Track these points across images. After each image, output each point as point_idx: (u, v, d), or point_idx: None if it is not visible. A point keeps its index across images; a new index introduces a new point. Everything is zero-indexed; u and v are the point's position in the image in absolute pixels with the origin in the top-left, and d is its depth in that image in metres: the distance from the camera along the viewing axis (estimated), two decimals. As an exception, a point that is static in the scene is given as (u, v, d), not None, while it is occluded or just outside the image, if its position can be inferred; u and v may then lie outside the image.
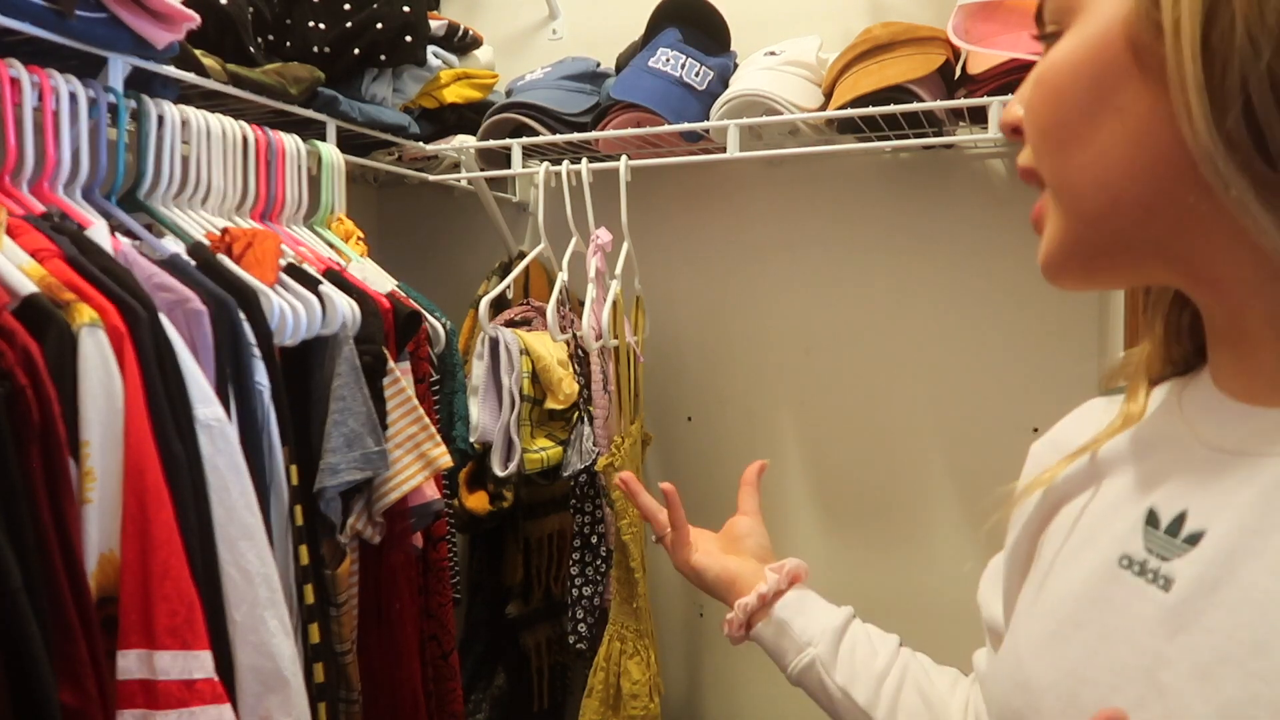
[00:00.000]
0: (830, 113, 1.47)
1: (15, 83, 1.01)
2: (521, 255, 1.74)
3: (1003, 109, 1.34)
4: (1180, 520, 0.45)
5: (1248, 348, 0.45)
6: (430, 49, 1.63)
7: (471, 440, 1.52)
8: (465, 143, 1.70)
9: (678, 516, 0.89)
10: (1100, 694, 0.45)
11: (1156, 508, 0.46)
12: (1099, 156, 0.43)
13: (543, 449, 1.56)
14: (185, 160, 1.23)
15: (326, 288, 1.19)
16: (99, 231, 1.02)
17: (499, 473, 1.53)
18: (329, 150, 1.45)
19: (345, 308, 1.19)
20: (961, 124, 1.57)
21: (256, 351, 1.06)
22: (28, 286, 0.85)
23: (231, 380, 1.03)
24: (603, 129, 1.61)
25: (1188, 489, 0.45)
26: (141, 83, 1.20)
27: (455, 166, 1.78)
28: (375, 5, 1.50)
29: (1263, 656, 0.39)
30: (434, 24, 1.66)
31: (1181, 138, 0.39)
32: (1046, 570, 0.53)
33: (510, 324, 1.69)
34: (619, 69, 1.72)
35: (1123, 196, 0.43)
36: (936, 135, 1.52)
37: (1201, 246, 0.43)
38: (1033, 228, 0.48)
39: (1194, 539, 0.43)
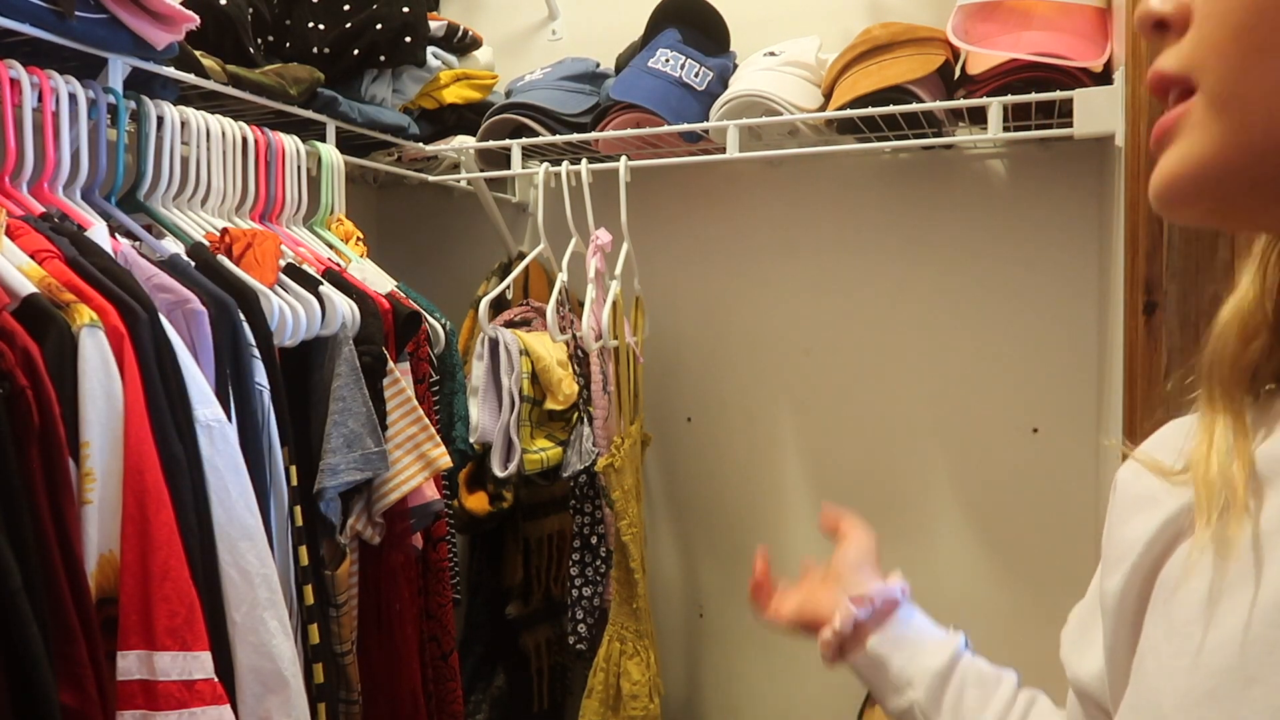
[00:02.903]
0: (830, 113, 1.47)
1: (15, 84, 1.01)
2: (521, 256, 1.74)
3: (1000, 108, 1.35)
4: None
5: None
6: (430, 50, 1.63)
7: (471, 441, 1.52)
8: (465, 143, 1.70)
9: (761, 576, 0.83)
10: None
11: None
12: None
13: (542, 450, 1.56)
14: (185, 161, 1.23)
15: (326, 288, 1.19)
16: (99, 232, 1.02)
17: (499, 473, 1.53)
18: (328, 151, 1.45)
19: (345, 308, 1.19)
20: (961, 124, 1.57)
21: (256, 352, 1.06)
22: (27, 287, 0.85)
23: (231, 381, 1.03)
24: (602, 129, 1.61)
25: None
26: (141, 83, 1.20)
27: (455, 167, 1.78)
28: (375, 6, 1.50)
29: None
30: (433, 25, 1.66)
31: None
32: (1187, 616, 0.42)
33: (510, 324, 1.69)
34: (618, 69, 1.72)
35: None
36: (936, 136, 1.52)
37: None
38: (1152, 145, 0.43)
39: None
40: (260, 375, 1.06)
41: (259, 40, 1.44)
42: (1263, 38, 0.38)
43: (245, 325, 1.05)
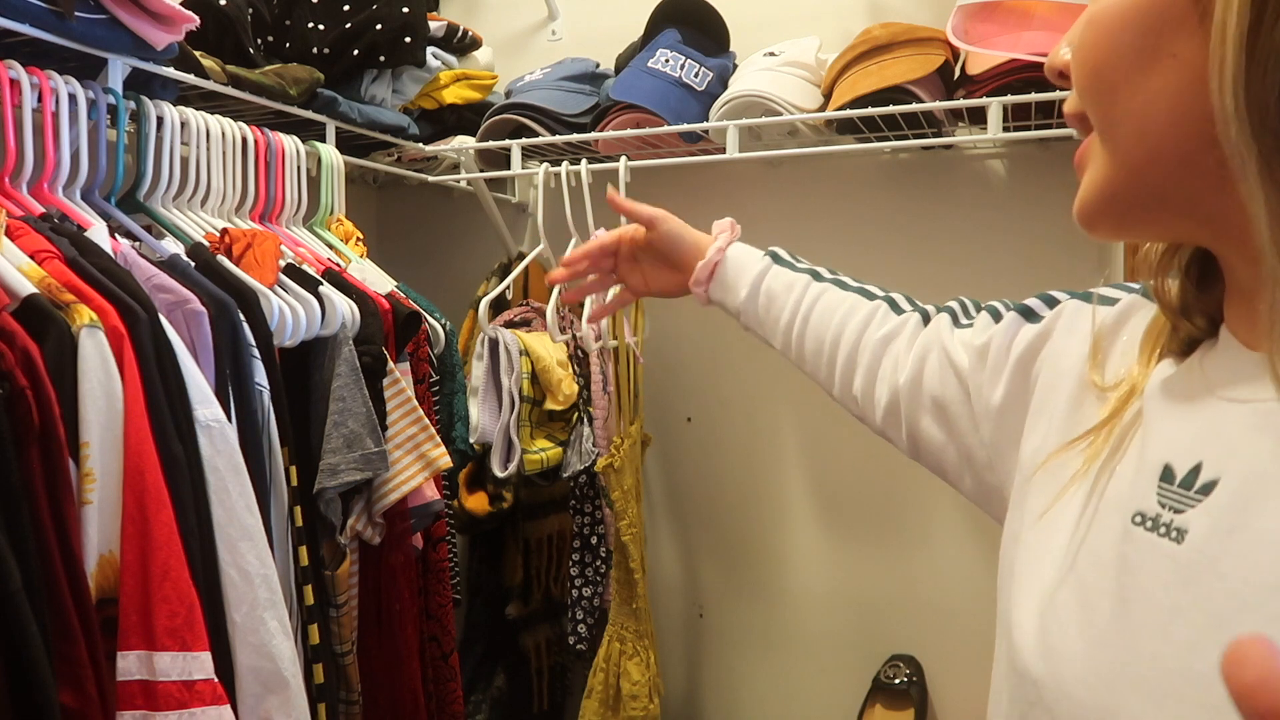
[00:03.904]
0: (829, 113, 1.48)
1: (15, 84, 1.01)
2: (521, 256, 1.74)
3: (1000, 108, 1.35)
4: (1195, 472, 0.44)
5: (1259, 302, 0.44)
6: (430, 50, 1.63)
7: (471, 441, 1.52)
8: (465, 144, 1.70)
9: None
10: (1120, 655, 0.44)
11: (1172, 463, 0.46)
12: (1146, 103, 0.43)
13: (542, 450, 1.56)
14: (184, 161, 1.23)
15: (326, 289, 1.19)
16: (98, 233, 1.02)
17: (499, 473, 1.53)
18: (328, 151, 1.45)
19: (345, 309, 1.19)
20: (961, 124, 1.58)
21: (256, 352, 1.06)
22: (28, 288, 0.85)
23: (231, 381, 1.03)
24: (602, 130, 1.61)
25: (1203, 441, 0.45)
26: (141, 84, 1.20)
27: (455, 167, 1.78)
28: (374, 6, 1.50)
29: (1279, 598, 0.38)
30: (433, 25, 1.66)
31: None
32: (1061, 507, 0.52)
33: (510, 325, 1.69)
34: (618, 70, 1.72)
35: (1163, 146, 0.43)
36: (936, 136, 1.53)
37: (1232, 206, 0.41)
38: (1075, 171, 0.49)
39: (1207, 489, 0.43)
40: (260, 375, 1.06)
41: (259, 40, 1.45)
42: (1116, 76, 0.45)
43: (245, 325, 1.05)
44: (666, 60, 1.60)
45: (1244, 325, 0.46)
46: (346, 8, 1.50)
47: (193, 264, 1.08)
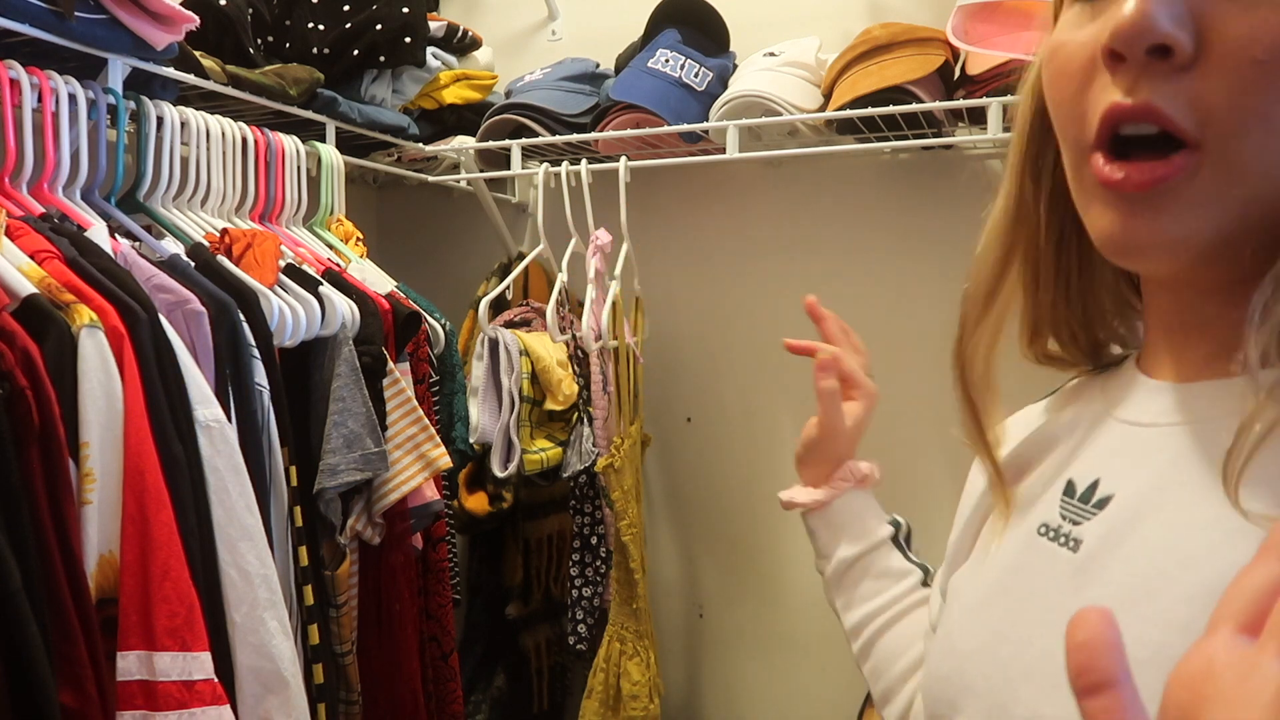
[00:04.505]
0: (829, 113, 1.48)
1: (15, 84, 1.01)
2: (521, 256, 1.74)
3: (1000, 108, 1.35)
4: (1093, 488, 0.48)
5: (1195, 335, 0.46)
6: (429, 50, 1.63)
7: (471, 441, 1.52)
8: (464, 144, 1.70)
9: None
10: (1015, 649, 0.47)
11: (1074, 479, 0.49)
12: None
13: (542, 450, 1.56)
14: (184, 161, 1.23)
15: (326, 289, 1.19)
16: (98, 233, 1.02)
17: (498, 474, 1.53)
18: (328, 151, 1.45)
19: (345, 309, 1.19)
20: (961, 125, 1.57)
21: (256, 352, 1.06)
22: (27, 288, 0.85)
23: (231, 381, 1.03)
24: (602, 130, 1.61)
25: (1103, 460, 0.49)
26: (141, 84, 1.20)
27: (454, 167, 1.78)
28: (374, 6, 1.50)
29: (1152, 600, 0.41)
30: (433, 25, 1.66)
31: None
32: (984, 548, 0.57)
33: (510, 325, 1.69)
34: (618, 70, 1.72)
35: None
36: (936, 136, 1.52)
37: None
38: (1134, 188, 0.41)
39: (1103, 503, 0.46)
40: (260, 375, 1.06)
41: (259, 40, 1.44)
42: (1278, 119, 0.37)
43: (245, 325, 1.05)
44: (666, 60, 1.60)
45: (1162, 359, 0.49)
46: (346, 8, 1.50)
47: (193, 264, 1.08)
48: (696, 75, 1.60)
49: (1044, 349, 0.58)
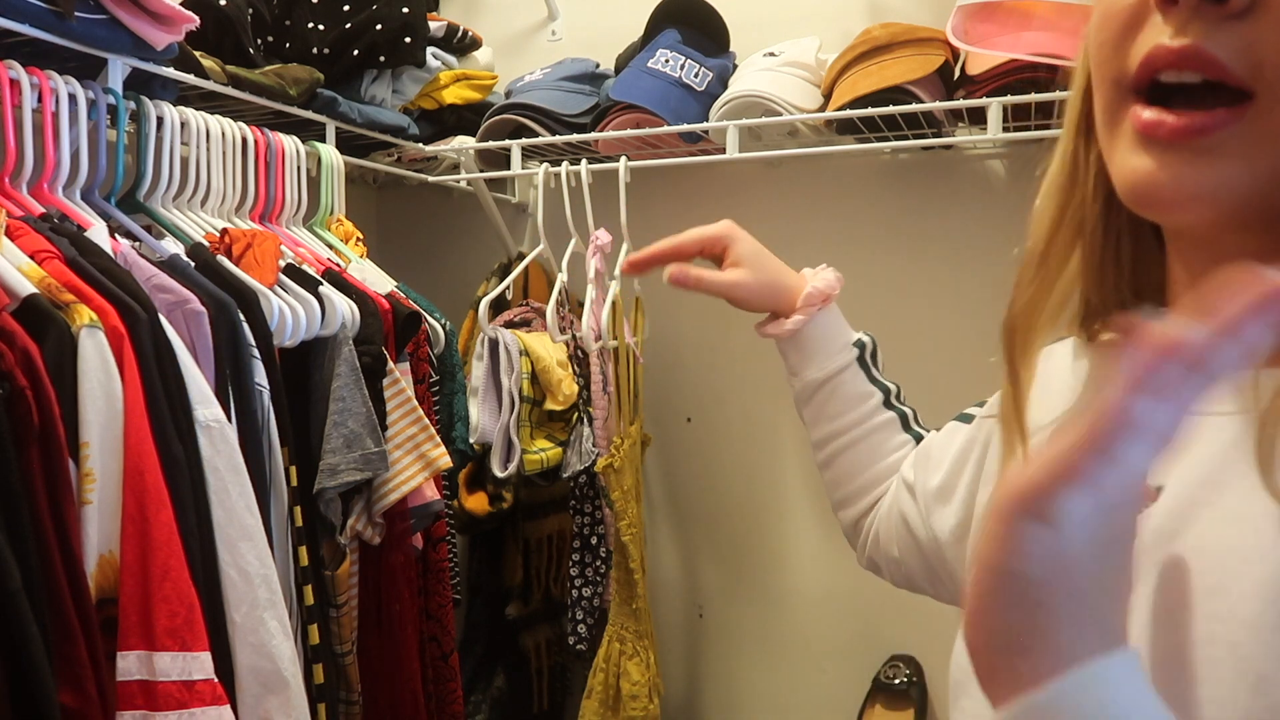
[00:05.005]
0: (829, 114, 1.48)
1: (15, 84, 1.01)
2: (521, 256, 1.74)
3: (1000, 108, 1.35)
4: None
5: None
6: (429, 50, 1.63)
7: (471, 441, 1.52)
8: (464, 144, 1.70)
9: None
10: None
11: None
12: None
13: (542, 450, 1.56)
14: (184, 161, 1.23)
15: (326, 289, 1.19)
16: (98, 233, 1.02)
17: (498, 474, 1.53)
18: (328, 151, 1.45)
19: (345, 309, 1.19)
20: (960, 125, 1.57)
21: (256, 352, 1.06)
22: (27, 288, 0.85)
23: (231, 381, 1.03)
24: (602, 130, 1.61)
25: None
26: (141, 84, 1.20)
27: (454, 167, 1.78)
28: (374, 6, 1.50)
29: (1219, 597, 0.39)
30: (433, 25, 1.66)
31: None
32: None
33: (510, 325, 1.69)
34: (618, 70, 1.72)
35: None
36: (936, 136, 1.52)
37: None
38: (1171, 134, 0.39)
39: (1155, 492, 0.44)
40: (260, 375, 1.06)
41: (259, 40, 1.44)
42: None
43: (245, 325, 1.05)
44: (666, 60, 1.60)
45: None
46: (346, 8, 1.50)
47: (193, 264, 1.08)
48: (696, 75, 1.60)
49: (1094, 330, 0.55)
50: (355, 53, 1.50)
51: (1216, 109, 0.38)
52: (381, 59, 1.54)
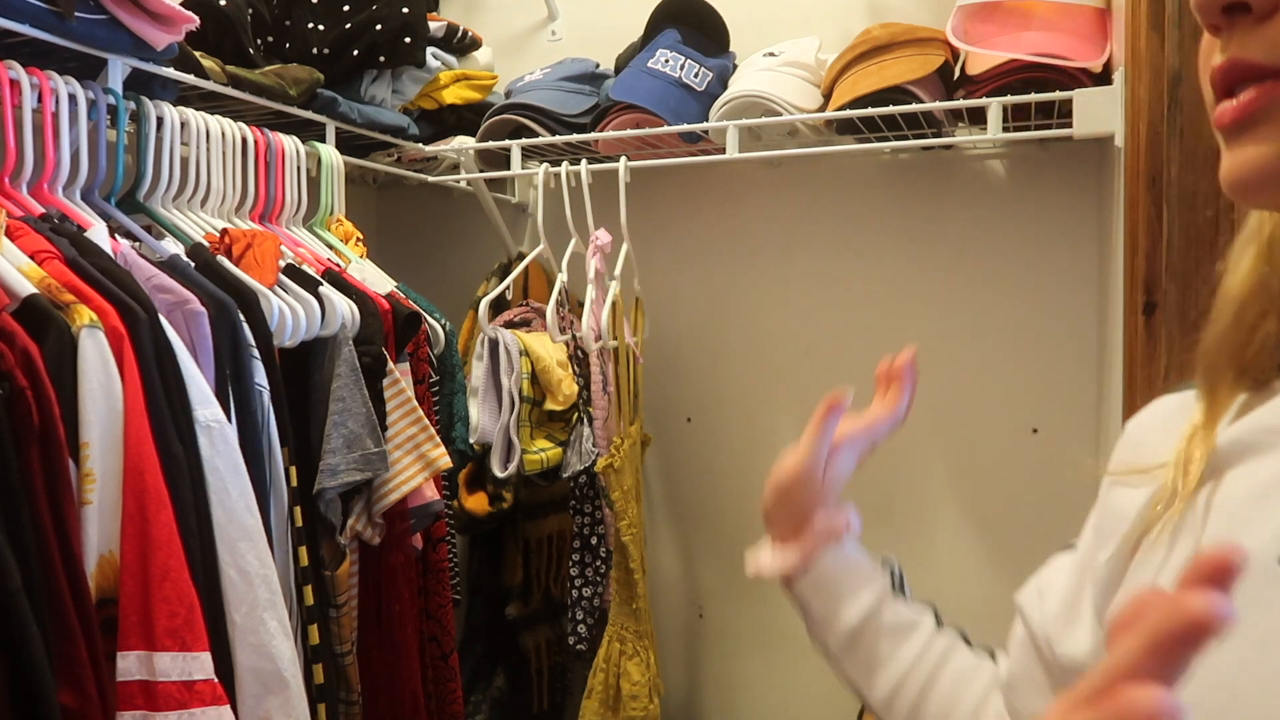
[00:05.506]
0: (829, 114, 1.47)
1: (15, 84, 1.01)
2: (521, 256, 1.74)
3: (1000, 108, 1.35)
4: None
5: None
6: (429, 50, 1.63)
7: (471, 441, 1.52)
8: (464, 144, 1.70)
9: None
10: (1257, 711, 0.38)
11: None
12: None
13: (542, 450, 1.56)
14: (184, 162, 1.23)
15: (326, 289, 1.19)
16: (98, 233, 1.02)
17: (498, 474, 1.53)
18: (328, 151, 1.45)
19: (345, 309, 1.19)
20: (960, 125, 1.57)
21: (256, 353, 1.06)
22: (27, 288, 0.85)
23: (231, 381, 1.03)
24: (602, 130, 1.61)
25: None
26: (141, 84, 1.20)
27: (454, 168, 1.78)
28: (374, 6, 1.50)
29: None
30: (433, 25, 1.66)
31: None
32: (1160, 572, 0.45)
33: (510, 325, 1.69)
34: (618, 70, 1.72)
35: None
36: (935, 136, 1.52)
37: None
38: (1225, 123, 0.41)
39: None
40: (260, 376, 1.06)
41: (259, 41, 1.45)
42: None
43: (245, 326, 1.05)
44: (666, 60, 1.60)
45: None
46: (346, 8, 1.50)
47: (192, 264, 1.08)
48: (696, 75, 1.60)
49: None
50: (355, 53, 1.50)
51: (1263, 85, 0.40)
52: (381, 59, 1.54)
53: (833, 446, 0.75)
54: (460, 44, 1.74)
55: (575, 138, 1.62)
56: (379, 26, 1.50)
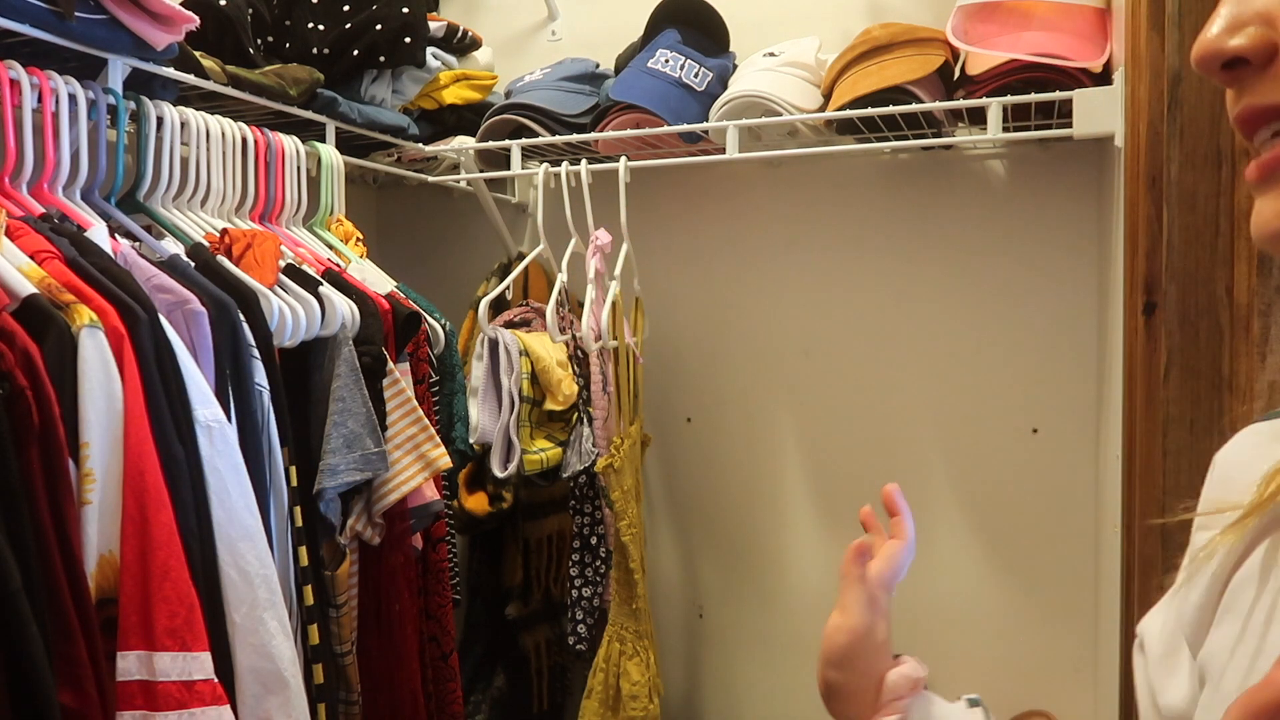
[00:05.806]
0: (829, 114, 1.47)
1: (15, 84, 1.01)
2: (521, 256, 1.74)
3: (999, 108, 1.35)
4: None
5: None
6: (429, 50, 1.63)
7: (471, 441, 1.52)
8: (464, 144, 1.70)
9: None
10: None
11: None
12: None
13: (542, 450, 1.56)
14: (184, 161, 1.23)
15: (326, 289, 1.19)
16: (98, 233, 1.02)
17: (498, 474, 1.53)
18: (328, 151, 1.45)
19: (344, 309, 1.19)
20: (960, 125, 1.58)
21: (256, 353, 1.06)
22: (27, 288, 0.85)
23: (231, 381, 1.03)
24: (602, 130, 1.61)
25: None
26: (141, 84, 1.20)
27: (454, 168, 1.78)
28: (374, 6, 1.50)
29: None
30: (433, 25, 1.66)
31: None
32: (1242, 610, 0.45)
33: (510, 325, 1.69)
34: (618, 70, 1.72)
35: None
36: (935, 136, 1.52)
37: None
38: (1255, 178, 0.41)
39: None
40: (260, 376, 1.06)
41: (259, 41, 1.45)
42: None
43: (245, 326, 1.05)
44: (666, 60, 1.60)
45: None
46: (346, 8, 1.50)
47: (193, 264, 1.08)
48: (696, 75, 1.60)
49: None
50: (355, 53, 1.50)
51: None
52: (381, 59, 1.54)
53: (871, 596, 0.71)
54: (460, 44, 1.74)
55: (575, 138, 1.62)
56: (379, 26, 1.50)
